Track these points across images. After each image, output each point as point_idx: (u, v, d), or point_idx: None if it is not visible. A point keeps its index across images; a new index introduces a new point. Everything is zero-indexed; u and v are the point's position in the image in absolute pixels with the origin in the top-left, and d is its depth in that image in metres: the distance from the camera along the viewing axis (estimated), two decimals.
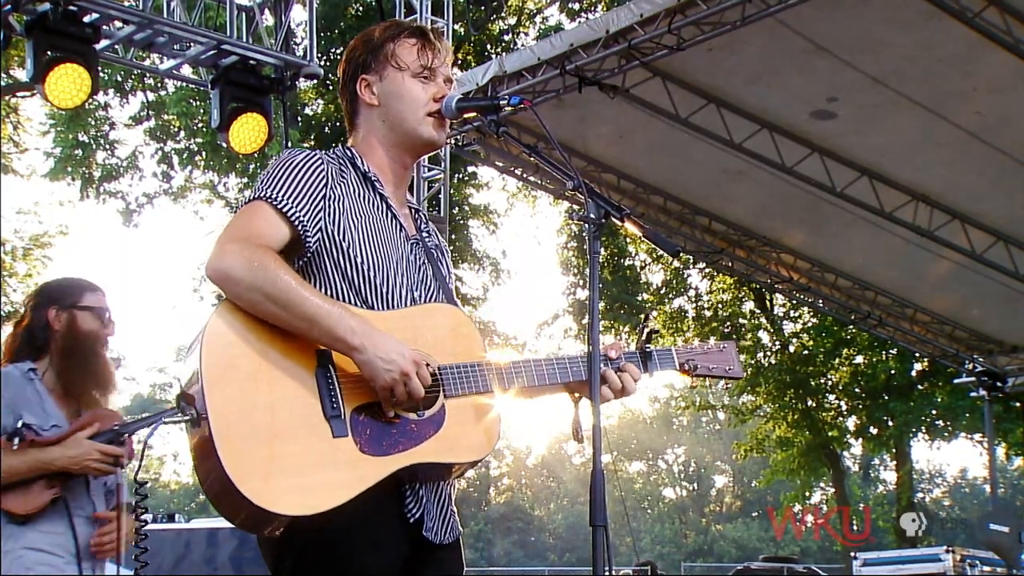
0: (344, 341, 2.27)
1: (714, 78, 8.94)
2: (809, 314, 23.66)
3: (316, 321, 2.25)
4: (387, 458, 2.27)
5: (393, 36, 2.62)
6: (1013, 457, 29.39)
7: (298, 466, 2.17)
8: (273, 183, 2.40)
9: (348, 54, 2.67)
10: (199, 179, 21.35)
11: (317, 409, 2.24)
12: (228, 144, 7.71)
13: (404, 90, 2.58)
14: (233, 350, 2.23)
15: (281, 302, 2.24)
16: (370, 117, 2.63)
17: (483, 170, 20.94)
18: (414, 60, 2.59)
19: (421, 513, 2.39)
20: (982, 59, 8.09)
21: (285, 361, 2.26)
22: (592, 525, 2.24)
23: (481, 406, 2.43)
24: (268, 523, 2.21)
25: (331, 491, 2.17)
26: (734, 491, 52.69)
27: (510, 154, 10.28)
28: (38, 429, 3.59)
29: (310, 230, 2.38)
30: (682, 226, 11.14)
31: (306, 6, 8.43)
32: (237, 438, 2.15)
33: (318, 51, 8.94)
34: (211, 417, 2.15)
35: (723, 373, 2.85)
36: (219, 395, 2.17)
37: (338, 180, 2.48)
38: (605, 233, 2.95)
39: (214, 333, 2.24)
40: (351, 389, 2.29)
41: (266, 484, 2.13)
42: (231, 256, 2.27)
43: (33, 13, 6.83)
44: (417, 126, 2.58)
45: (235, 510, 2.20)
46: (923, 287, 12.44)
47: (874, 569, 13.60)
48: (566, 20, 20.14)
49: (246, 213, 2.38)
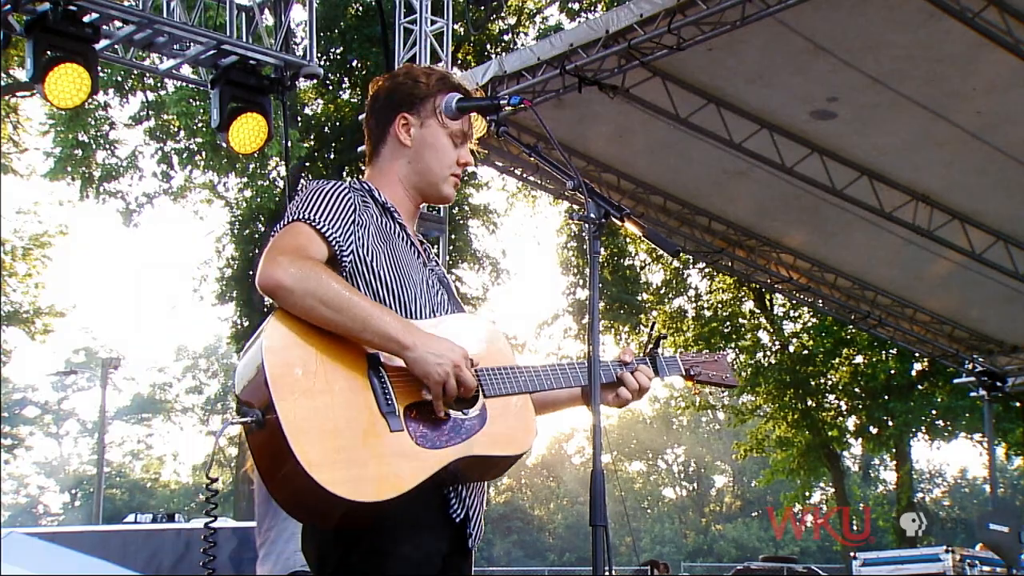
0: (396, 340, 2.38)
1: (714, 78, 8.94)
2: (809, 314, 23.66)
3: (368, 323, 2.37)
4: (441, 451, 2.39)
5: (447, 90, 2.72)
6: (1013, 457, 29.41)
7: (361, 458, 2.30)
8: (308, 206, 2.51)
9: (392, 83, 2.75)
10: (199, 179, 21.39)
11: (373, 406, 2.37)
12: (228, 144, 7.72)
13: (440, 145, 2.70)
14: (292, 353, 2.36)
15: (334, 306, 2.36)
16: (397, 153, 2.72)
17: (483, 170, 20.90)
18: (458, 124, 2.71)
19: (465, 514, 2.51)
20: (982, 59, 8.09)
21: (339, 363, 2.39)
22: (592, 525, 2.27)
23: (518, 406, 2.57)
24: (331, 511, 2.31)
25: (392, 480, 2.30)
26: (734, 491, 52.69)
27: (510, 154, 10.28)
28: None
29: (345, 250, 2.50)
30: (682, 226, 11.14)
31: (306, 6, 8.43)
32: (306, 432, 2.27)
33: (318, 51, 8.94)
34: (280, 414, 2.26)
35: (721, 381, 3.01)
36: (286, 394, 2.30)
37: (363, 209, 2.59)
38: (605, 233, 2.98)
39: (273, 338, 2.37)
40: (402, 388, 2.42)
41: (333, 473, 2.25)
42: (282, 268, 2.38)
43: (33, 13, 6.84)
44: (441, 182, 2.72)
45: (301, 499, 2.31)
46: (923, 287, 12.44)
47: (874, 569, 13.59)
48: (566, 20, 20.16)
49: (289, 232, 2.49)
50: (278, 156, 17.51)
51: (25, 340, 27.93)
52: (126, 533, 12.30)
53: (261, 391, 2.30)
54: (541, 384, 2.62)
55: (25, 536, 11.12)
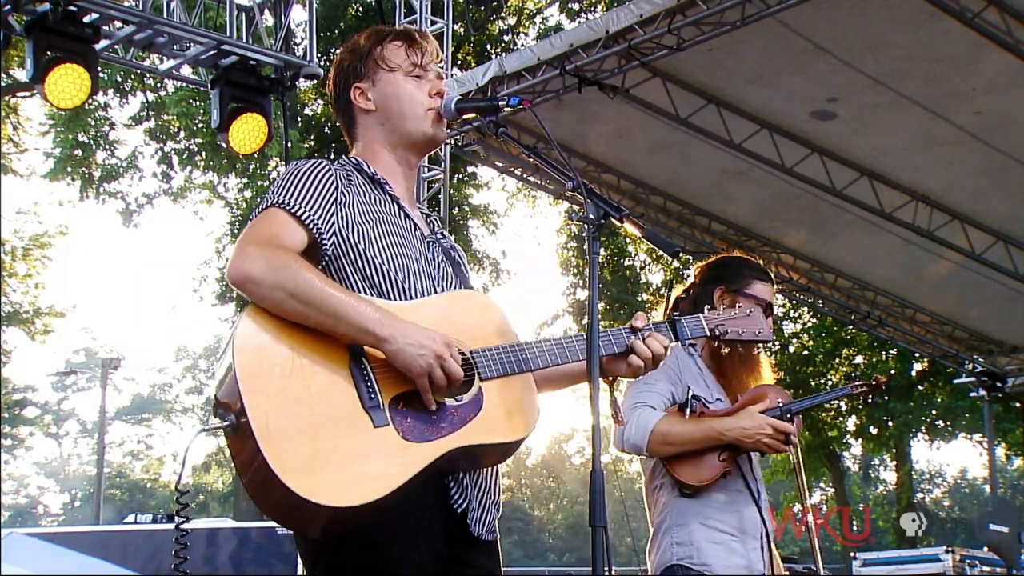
0: (372, 333, 2.26)
1: (714, 78, 8.93)
2: (809, 314, 23.66)
3: (341, 316, 2.25)
4: (431, 443, 2.26)
5: (379, 41, 2.64)
6: (1013, 457, 29.42)
7: (342, 459, 2.17)
8: (285, 190, 2.41)
9: (336, 67, 2.68)
10: (199, 179, 21.38)
11: (355, 401, 2.24)
12: (228, 144, 7.72)
13: (399, 90, 2.60)
14: (265, 351, 2.23)
15: (304, 299, 2.24)
16: (369, 123, 2.64)
17: (483, 170, 20.94)
18: (404, 60, 2.61)
19: (467, 504, 2.39)
20: (982, 59, 8.09)
21: (318, 358, 2.26)
22: (592, 525, 2.23)
23: (517, 387, 2.44)
24: (314, 518, 2.19)
25: (377, 480, 2.17)
26: None
27: (510, 154, 10.27)
28: (705, 401, 3.54)
29: (325, 233, 2.40)
30: (682, 226, 11.13)
31: (306, 6, 8.43)
32: (279, 436, 2.14)
33: (318, 51, 8.94)
34: (251, 418, 2.14)
35: (753, 336, 2.85)
36: (256, 396, 2.17)
37: (347, 185, 2.49)
38: (605, 233, 2.94)
39: (244, 336, 2.24)
40: (386, 379, 2.29)
41: (311, 479, 2.12)
42: (251, 258, 2.27)
43: (33, 13, 6.84)
44: (418, 123, 2.60)
45: (281, 508, 2.20)
46: (923, 287, 12.43)
47: (874, 569, 13.56)
48: (566, 20, 20.15)
49: (262, 219, 2.38)
50: (278, 156, 17.50)
51: (25, 340, 27.94)
52: (126, 533, 12.32)
53: (234, 393, 2.18)
54: (544, 361, 2.48)
55: (25, 536, 11.14)
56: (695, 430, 3.44)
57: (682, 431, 3.44)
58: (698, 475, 3.46)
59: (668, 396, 3.56)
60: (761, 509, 3.56)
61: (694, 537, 3.47)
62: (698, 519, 3.48)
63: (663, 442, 3.44)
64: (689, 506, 3.50)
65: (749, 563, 3.51)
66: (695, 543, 3.46)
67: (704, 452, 3.45)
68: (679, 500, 3.52)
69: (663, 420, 3.45)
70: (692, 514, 3.49)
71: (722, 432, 3.43)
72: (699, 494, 3.48)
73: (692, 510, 3.49)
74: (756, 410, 3.47)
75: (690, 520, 3.49)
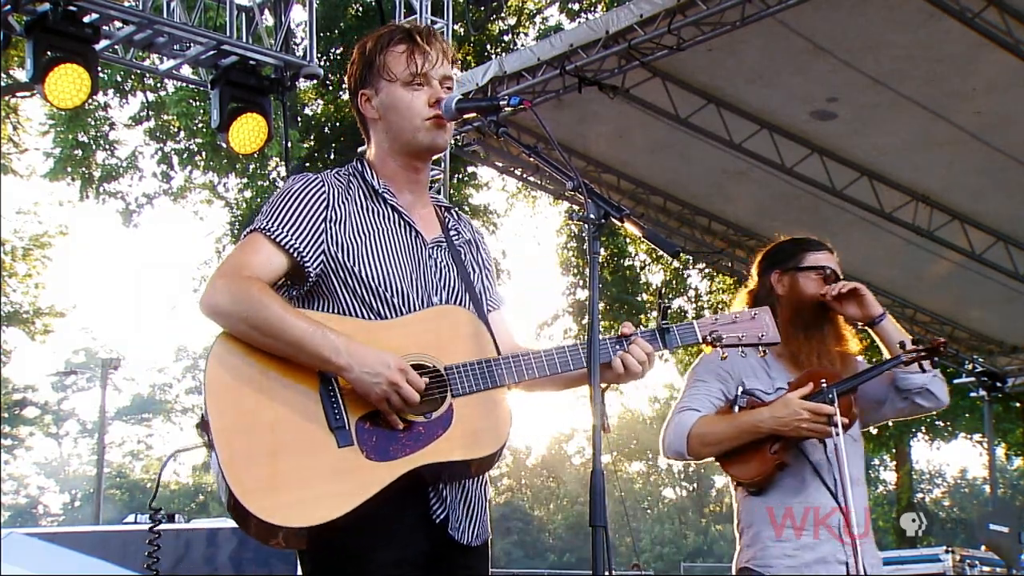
0: (331, 362, 2.32)
1: (714, 78, 8.94)
2: None
3: (302, 346, 2.32)
4: (393, 463, 2.31)
5: (383, 47, 2.64)
6: (1013, 457, 29.41)
7: (301, 479, 2.24)
8: (271, 213, 2.47)
9: (349, 69, 2.71)
10: (199, 179, 21.34)
11: (322, 422, 2.31)
12: (228, 144, 7.72)
13: (398, 101, 2.60)
14: (235, 374, 2.32)
15: (264, 330, 2.32)
16: (376, 129, 2.67)
17: (483, 170, 20.91)
18: (403, 69, 2.60)
19: (447, 513, 2.43)
20: (982, 59, 8.09)
21: (287, 380, 2.33)
22: (592, 525, 2.23)
23: (491, 402, 2.45)
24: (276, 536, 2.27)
25: (334, 500, 2.23)
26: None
27: (510, 154, 10.28)
28: (760, 394, 3.45)
29: (307, 257, 2.44)
30: (682, 226, 11.14)
31: (306, 6, 8.43)
32: (240, 457, 2.24)
33: (318, 51, 8.95)
34: (215, 439, 2.24)
35: (755, 341, 2.75)
36: (221, 419, 2.27)
37: (341, 200, 2.52)
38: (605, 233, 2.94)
39: (215, 361, 2.34)
40: (354, 400, 2.35)
41: (270, 499, 2.21)
42: (219, 292, 2.37)
43: (33, 13, 6.84)
44: (415, 135, 2.60)
45: (247, 525, 2.27)
46: (923, 287, 12.43)
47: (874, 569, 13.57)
48: (566, 20, 20.13)
49: (241, 247, 2.47)
50: (278, 156, 17.50)
51: (25, 340, 27.92)
52: (126, 533, 12.30)
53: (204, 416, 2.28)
54: (522, 375, 2.49)
55: (25, 536, 11.14)
56: (730, 427, 3.39)
57: (718, 430, 3.41)
58: (749, 471, 3.41)
59: (718, 395, 3.51)
60: (839, 496, 3.36)
61: (759, 537, 3.43)
62: (764, 517, 3.42)
63: (702, 443, 3.41)
64: (756, 504, 3.45)
65: (821, 555, 3.38)
66: (760, 542, 3.42)
67: (755, 447, 3.38)
68: (748, 499, 3.49)
69: (700, 421, 3.42)
70: (758, 512, 3.44)
71: (757, 424, 3.35)
72: (766, 490, 3.42)
73: (759, 508, 3.44)
74: (795, 396, 3.36)
75: (756, 519, 3.45)
